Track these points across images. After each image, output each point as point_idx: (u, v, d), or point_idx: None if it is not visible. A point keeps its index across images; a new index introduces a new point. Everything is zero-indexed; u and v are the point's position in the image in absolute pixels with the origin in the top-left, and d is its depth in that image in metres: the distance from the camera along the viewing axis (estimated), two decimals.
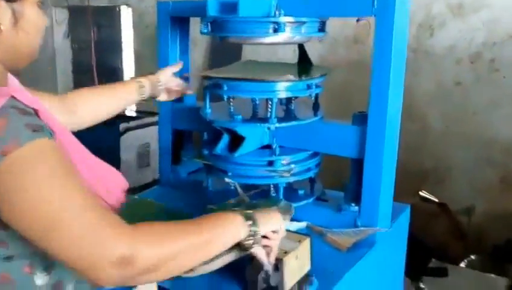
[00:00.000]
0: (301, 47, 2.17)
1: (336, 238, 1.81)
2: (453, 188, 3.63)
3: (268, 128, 1.92)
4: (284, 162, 1.96)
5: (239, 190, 1.95)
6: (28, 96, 1.10)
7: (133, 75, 5.42)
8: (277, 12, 1.78)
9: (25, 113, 1.04)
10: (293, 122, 1.93)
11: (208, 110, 2.00)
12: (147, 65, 5.11)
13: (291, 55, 3.87)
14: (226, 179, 1.97)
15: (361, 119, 1.84)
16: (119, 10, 5.45)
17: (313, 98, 2.00)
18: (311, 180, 2.09)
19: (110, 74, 5.55)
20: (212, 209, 1.83)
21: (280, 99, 1.98)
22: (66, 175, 1.04)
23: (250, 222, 1.31)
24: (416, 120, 3.68)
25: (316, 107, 2.06)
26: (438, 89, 3.59)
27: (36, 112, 1.10)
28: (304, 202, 2.01)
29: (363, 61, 3.66)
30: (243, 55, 4.20)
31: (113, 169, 1.37)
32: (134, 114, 5.00)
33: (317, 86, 1.96)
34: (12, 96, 1.06)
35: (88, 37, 5.49)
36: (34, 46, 1.22)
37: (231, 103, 1.98)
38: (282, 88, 1.86)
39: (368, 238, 1.82)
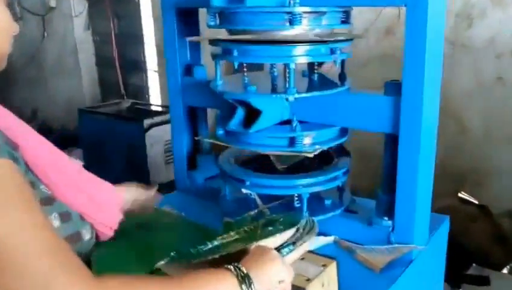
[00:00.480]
0: None
1: (367, 257, 1.62)
2: (493, 190, 3.40)
3: (287, 99, 1.68)
4: (306, 142, 1.74)
5: (258, 201, 1.78)
6: None
7: (156, 68, 5.28)
8: (291, 2, 1.57)
9: None
10: (315, 93, 1.70)
11: (219, 82, 1.80)
12: None
13: None
14: (244, 190, 1.79)
15: (394, 88, 1.61)
16: (138, 1, 5.31)
17: (338, 66, 1.76)
18: (339, 189, 1.89)
19: (133, 67, 5.45)
20: (229, 223, 1.66)
21: (302, 71, 1.74)
22: (25, 204, 0.86)
23: (244, 286, 1.07)
24: (453, 118, 3.45)
25: (342, 77, 1.83)
26: (477, 85, 3.34)
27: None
28: (331, 214, 1.81)
29: (397, 56, 3.45)
30: None
31: (108, 184, 1.23)
32: (159, 109, 4.88)
33: (342, 52, 1.72)
34: None
35: (108, 29, 5.37)
36: (1, 54, 1.04)
37: (245, 74, 1.78)
38: (302, 52, 1.63)
39: (404, 256, 1.62)
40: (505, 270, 2.97)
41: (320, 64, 1.86)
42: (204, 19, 1.91)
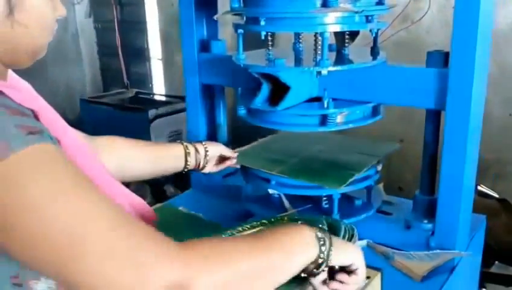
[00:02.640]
0: None
1: (407, 264, 1.48)
2: None
3: (319, 73, 1.53)
4: (339, 119, 1.59)
5: (286, 202, 1.64)
6: (22, 95, 0.84)
7: (159, 56, 5.14)
8: None
9: (16, 113, 0.78)
10: (351, 66, 1.55)
11: (242, 56, 1.63)
12: (174, 46, 4.82)
13: None
14: (270, 191, 1.65)
15: (439, 59, 1.46)
16: None
17: (372, 36, 1.63)
18: (370, 188, 1.75)
19: (136, 55, 5.31)
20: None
21: (330, 45, 1.59)
22: (82, 186, 0.78)
23: (321, 242, 0.99)
24: None
25: (375, 50, 1.68)
26: (501, 71, 3.19)
27: (35, 114, 0.84)
28: (363, 215, 1.67)
29: (414, 42, 3.29)
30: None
31: (140, 199, 1.14)
32: (164, 99, 4.74)
33: (378, 23, 1.57)
34: (1, 93, 0.80)
35: (111, 17, 5.22)
36: (37, 44, 0.94)
37: (270, 47, 1.63)
38: (335, 20, 1.47)
39: (446, 263, 1.48)
40: None
41: (352, 36, 1.70)
42: None
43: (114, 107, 4.56)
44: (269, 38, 1.63)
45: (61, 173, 0.77)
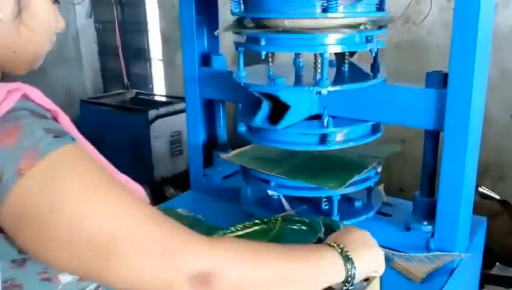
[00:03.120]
0: None
1: (406, 266, 1.48)
2: None
3: (319, 93, 1.54)
4: (338, 139, 1.60)
5: (285, 204, 1.64)
6: (42, 95, 0.85)
7: (160, 57, 5.13)
8: None
9: (40, 116, 0.80)
10: (351, 85, 1.54)
11: (242, 73, 1.64)
12: (174, 46, 4.82)
13: None
14: (270, 192, 1.65)
15: (438, 80, 1.47)
16: None
17: (372, 55, 1.64)
18: (371, 190, 1.74)
19: (137, 56, 5.30)
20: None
21: (330, 61, 1.59)
22: (109, 182, 0.81)
23: (348, 265, 0.99)
24: None
25: (375, 68, 1.69)
26: (502, 74, 3.18)
27: (54, 115, 0.86)
28: (363, 217, 1.67)
29: (415, 43, 3.28)
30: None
31: (137, 184, 1.09)
32: (164, 99, 4.74)
33: (378, 40, 1.58)
34: (24, 95, 0.81)
35: (111, 17, 5.21)
36: (40, 51, 0.94)
37: (270, 63, 1.63)
38: (335, 41, 1.49)
39: (446, 265, 1.48)
40: None
41: (352, 53, 1.71)
42: (223, 4, 1.76)
43: (114, 107, 4.56)
44: (269, 56, 1.64)
45: (88, 172, 0.79)
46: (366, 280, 1.23)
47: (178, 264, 0.77)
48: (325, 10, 1.43)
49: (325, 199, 1.68)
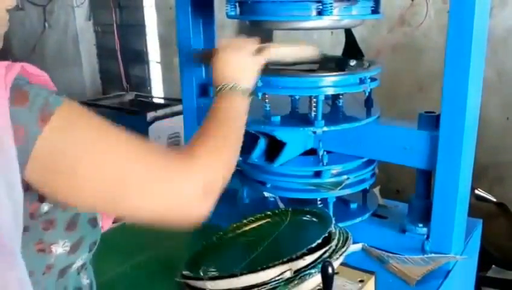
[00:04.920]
0: (349, 33, 1.79)
1: (401, 268, 1.47)
2: None
3: (314, 132, 1.57)
4: (333, 172, 1.62)
5: (280, 205, 1.63)
6: (33, 67, 0.91)
7: (158, 59, 5.14)
8: None
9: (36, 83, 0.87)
10: (344, 125, 1.58)
11: None
12: (172, 49, 4.82)
13: (329, 40, 3.51)
14: (266, 194, 1.64)
15: (430, 121, 1.48)
16: None
17: (366, 95, 1.66)
18: (366, 192, 1.74)
19: (135, 58, 5.30)
20: None
21: (326, 96, 1.62)
22: (111, 129, 0.89)
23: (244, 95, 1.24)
24: None
25: (369, 103, 1.70)
26: (498, 76, 3.18)
27: (46, 84, 0.93)
28: (358, 219, 1.66)
29: (411, 46, 3.28)
30: (273, 40, 3.86)
31: None
32: (162, 101, 4.74)
33: (372, 80, 1.60)
34: (22, 67, 0.86)
35: (110, 20, 5.22)
36: None
37: (266, 100, 1.64)
38: (330, 83, 1.52)
39: (440, 266, 1.47)
40: None
41: None
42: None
43: (113, 109, 4.55)
44: (266, 96, 1.64)
45: (95, 119, 0.87)
46: (361, 281, 1.24)
47: (187, 190, 0.89)
48: (320, 13, 1.44)
49: (320, 201, 1.67)
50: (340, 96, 1.71)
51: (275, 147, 1.58)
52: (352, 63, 1.60)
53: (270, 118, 1.58)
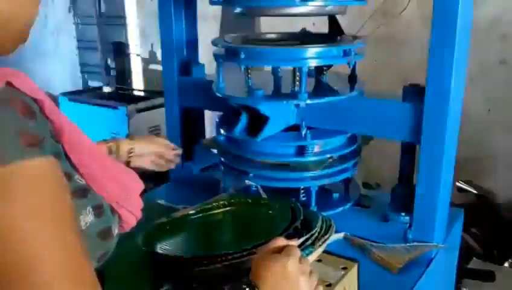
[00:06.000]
0: (332, 19, 1.79)
1: (383, 256, 1.47)
2: (495, 179, 3.28)
3: (297, 105, 1.56)
4: (316, 150, 1.62)
5: (262, 194, 1.63)
6: (29, 83, 0.76)
7: (139, 51, 5.10)
8: None
9: (25, 111, 0.71)
10: (328, 98, 1.57)
11: (222, 85, 1.66)
12: (153, 41, 4.80)
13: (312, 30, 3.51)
14: (247, 182, 1.64)
15: (415, 93, 1.47)
16: None
17: (350, 67, 1.64)
18: (348, 181, 1.74)
19: (115, 50, 5.26)
20: None
21: (309, 70, 1.60)
22: (61, 220, 0.72)
23: None
24: None
25: (352, 79, 1.70)
26: (480, 68, 3.20)
27: (41, 106, 0.76)
28: (340, 208, 1.67)
29: (394, 37, 3.29)
30: (257, 29, 3.84)
31: (130, 170, 1.08)
32: (142, 94, 4.71)
33: (356, 54, 1.59)
34: (9, 83, 0.72)
35: (91, 12, 5.17)
36: (22, 20, 0.82)
37: (249, 74, 1.63)
38: (313, 54, 1.50)
39: (423, 255, 1.48)
40: (506, 264, 2.86)
41: (329, 66, 1.72)
42: None
43: (93, 102, 4.52)
44: (249, 70, 1.64)
45: (46, 200, 0.71)
46: (344, 268, 1.24)
47: None
48: None
49: (302, 191, 1.67)
50: (324, 72, 1.71)
51: (257, 123, 1.56)
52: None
53: (254, 92, 1.56)
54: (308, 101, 1.52)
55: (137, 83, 5.24)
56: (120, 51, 5.25)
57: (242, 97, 1.59)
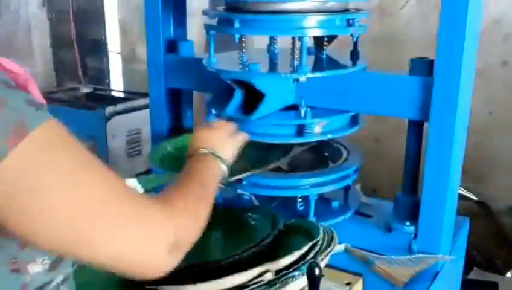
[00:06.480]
0: None
1: (388, 269, 1.45)
2: (495, 185, 3.26)
3: (297, 80, 1.52)
4: (316, 129, 1.57)
5: (255, 201, 1.61)
6: (10, 62, 0.89)
7: (118, 49, 5.04)
8: None
9: (15, 87, 0.81)
10: (330, 72, 1.53)
11: (214, 59, 1.60)
12: (134, 38, 4.74)
13: None
14: (240, 191, 1.61)
15: (423, 67, 1.44)
16: None
17: (354, 40, 1.62)
18: (348, 189, 1.72)
19: (93, 48, 5.20)
20: None
21: (308, 48, 1.56)
22: (88, 165, 0.84)
23: (222, 164, 1.25)
24: None
25: (355, 55, 1.66)
26: (481, 69, 3.19)
27: (25, 84, 0.88)
28: (341, 217, 1.64)
29: (392, 37, 3.28)
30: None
31: None
32: (122, 95, 4.65)
33: (359, 27, 1.56)
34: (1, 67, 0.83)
35: (66, 6, 5.10)
36: None
37: (244, 47, 1.59)
38: (314, 23, 1.46)
39: (429, 268, 1.46)
40: (509, 274, 2.86)
41: (330, 40, 1.68)
42: None
43: (68, 103, 4.45)
44: (243, 40, 1.60)
45: (74, 148, 0.82)
46: (348, 284, 1.22)
47: (157, 236, 0.87)
48: None
49: (300, 199, 1.65)
50: (325, 47, 1.68)
51: (253, 102, 1.50)
52: None
53: (248, 66, 1.51)
54: (309, 75, 1.47)
55: (117, 84, 5.18)
56: (98, 48, 5.19)
57: (236, 71, 1.54)
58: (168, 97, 1.92)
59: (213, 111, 1.62)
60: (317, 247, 1.22)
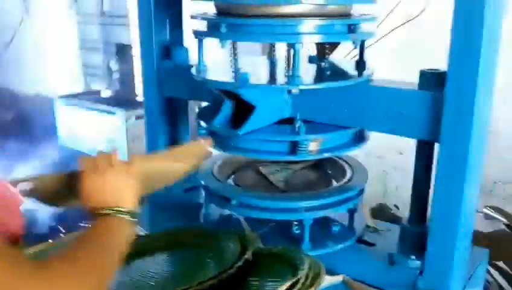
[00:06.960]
0: None
1: None
2: None
3: (289, 91, 1.38)
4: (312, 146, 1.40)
5: (244, 224, 1.45)
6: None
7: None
8: None
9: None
10: (327, 84, 1.36)
11: (202, 67, 1.46)
12: None
13: None
14: (229, 212, 1.45)
15: (434, 80, 1.25)
16: None
17: (356, 48, 1.44)
18: (351, 212, 1.54)
19: (118, 52, 5.17)
20: None
21: (309, 56, 1.44)
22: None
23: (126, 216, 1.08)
24: None
25: (360, 65, 1.49)
26: (509, 81, 3.00)
27: None
28: (340, 246, 1.47)
29: (410, 42, 3.10)
30: None
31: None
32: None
33: (363, 33, 1.40)
34: None
35: (92, 9, 5.08)
36: None
37: (235, 57, 1.46)
38: (311, 29, 1.30)
39: None
40: None
41: (333, 47, 1.50)
42: None
43: (90, 106, 4.47)
44: (235, 45, 1.47)
45: None
46: None
47: None
48: None
49: (296, 223, 1.48)
50: (327, 55, 1.53)
51: (244, 115, 1.36)
52: None
53: (238, 74, 1.39)
54: (302, 87, 1.33)
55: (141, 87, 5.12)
56: (123, 52, 5.14)
57: (221, 81, 1.40)
58: (163, 105, 1.79)
59: (202, 124, 1.47)
60: (300, 283, 1.06)
